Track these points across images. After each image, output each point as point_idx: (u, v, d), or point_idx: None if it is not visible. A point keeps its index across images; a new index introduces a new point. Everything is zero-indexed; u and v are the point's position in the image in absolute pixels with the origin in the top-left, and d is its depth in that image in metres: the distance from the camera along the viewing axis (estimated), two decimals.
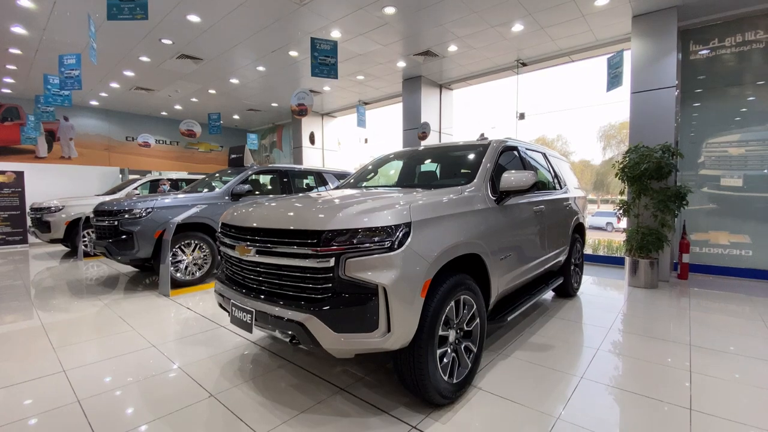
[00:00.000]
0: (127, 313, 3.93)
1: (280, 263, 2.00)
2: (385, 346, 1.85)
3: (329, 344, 1.84)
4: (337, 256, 1.84)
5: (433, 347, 2.02)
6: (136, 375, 2.59)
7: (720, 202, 5.67)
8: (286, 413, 2.11)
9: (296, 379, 2.52)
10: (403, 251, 1.89)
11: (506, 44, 6.64)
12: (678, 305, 4.30)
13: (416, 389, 2.05)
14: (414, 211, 2.04)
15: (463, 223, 2.35)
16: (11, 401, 2.26)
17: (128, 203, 4.97)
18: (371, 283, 1.81)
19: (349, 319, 1.83)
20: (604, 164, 21.81)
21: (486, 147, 3.16)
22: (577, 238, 4.62)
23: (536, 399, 2.26)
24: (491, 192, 2.77)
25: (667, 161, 4.94)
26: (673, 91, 5.33)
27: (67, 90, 4.99)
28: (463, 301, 2.27)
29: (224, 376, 2.58)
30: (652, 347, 3.07)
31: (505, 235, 2.78)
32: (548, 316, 3.86)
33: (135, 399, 2.29)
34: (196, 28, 6.00)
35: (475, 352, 2.38)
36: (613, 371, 2.66)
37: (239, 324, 2.18)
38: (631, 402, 2.24)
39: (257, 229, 2.15)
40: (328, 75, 4.38)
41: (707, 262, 5.76)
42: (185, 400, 2.26)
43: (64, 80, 4.34)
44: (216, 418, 2.08)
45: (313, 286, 1.91)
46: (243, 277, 2.28)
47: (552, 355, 2.89)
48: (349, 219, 1.89)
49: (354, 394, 2.32)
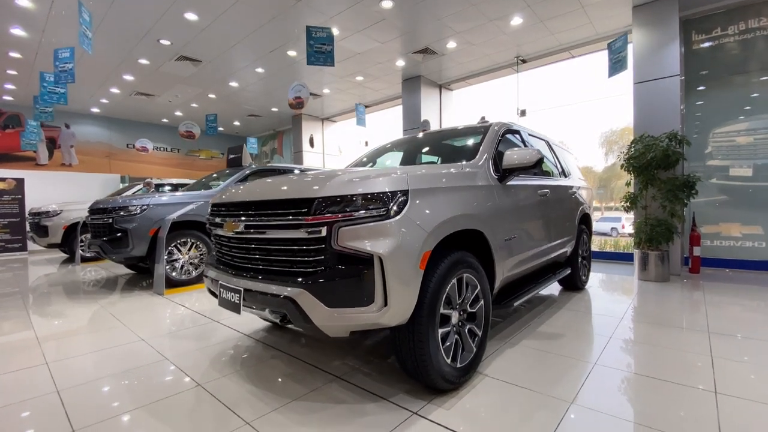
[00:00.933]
0: (119, 311, 3.79)
1: (269, 237, 1.88)
2: (382, 322, 1.70)
3: (322, 321, 1.70)
4: (329, 225, 1.71)
5: (434, 326, 1.87)
6: (121, 366, 2.45)
7: (730, 192, 5.51)
8: (277, 401, 1.96)
9: (290, 368, 2.37)
10: (400, 219, 1.76)
11: (505, 39, 6.59)
12: (692, 297, 4.12)
13: (417, 372, 1.90)
14: (412, 179, 1.91)
15: (465, 197, 2.22)
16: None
17: (123, 200, 4.88)
18: (366, 253, 1.68)
19: (343, 292, 1.69)
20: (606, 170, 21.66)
21: (487, 129, 3.04)
22: (584, 230, 4.46)
23: (547, 385, 2.09)
24: (494, 171, 2.65)
25: (674, 149, 4.80)
26: (678, 80, 5.23)
27: (62, 84, 4.95)
28: (466, 280, 2.13)
29: (214, 366, 2.43)
30: (669, 335, 2.90)
31: (509, 216, 2.64)
32: (556, 307, 3.69)
33: (117, 389, 2.14)
34: (194, 26, 5.98)
35: (480, 336, 2.23)
36: (630, 358, 2.49)
37: (227, 305, 2.04)
38: (652, 387, 2.07)
39: (246, 203, 2.03)
40: (325, 63, 4.31)
41: (719, 255, 5.57)
42: (170, 390, 2.11)
43: (59, 74, 4.29)
44: (201, 406, 1.93)
45: (304, 260, 1.78)
46: (232, 256, 2.16)
47: (562, 343, 2.72)
48: (343, 185, 1.77)
49: (351, 381, 2.17)
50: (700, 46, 5.71)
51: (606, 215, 18.63)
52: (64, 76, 4.29)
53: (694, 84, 5.76)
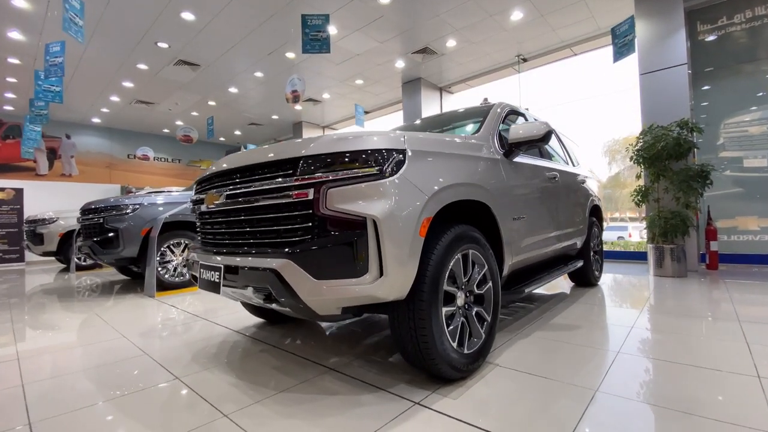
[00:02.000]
0: (103, 311, 3.59)
1: (252, 206, 1.68)
2: (377, 295, 1.49)
3: (309, 295, 1.49)
4: (317, 186, 1.52)
5: (437, 304, 1.65)
6: (95, 362, 2.23)
7: (745, 184, 5.28)
8: (262, 393, 1.74)
9: (279, 361, 2.15)
10: (397, 179, 1.57)
11: (506, 37, 6.50)
12: (714, 290, 3.86)
13: (419, 357, 1.67)
14: (411, 140, 1.73)
15: (469, 166, 2.03)
16: None
17: (115, 200, 4.73)
18: (359, 216, 1.48)
19: (333, 262, 1.49)
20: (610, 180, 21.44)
21: (489, 108, 2.87)
22: (595, 222, 4.24)
23: (567, 373, 1.85)
24: (499, 146, 2.46)
25: (686, 138, 4.61)
26: (685, 69, 5.08)
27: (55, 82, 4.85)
28: (472, 257, 1.92)
29: (196, 360, 2.21)
30: (697, 324, 2.65)
31: (516, 193, 2.44)
32: (569, 302, 3.44)
33: (85, 383, 1.93)
34: (191, 27, 5.94)
35: (489, 322, 2.00)
36: (657, 346, 2.24)
37: (207, 286, 1.84)
38: (689, 373, 1.83)
39: (228, 171, 1.84)
40: (320, 50, 4.20)
41: (737, 250, 5.30)
42: (144, 383, 1.89)
43: (49, 68, 4.21)
44: (177, 398, 1.71)
45: (289, 228, 1.58)
46: (213, 233, 1.96)
47: (579, 334, 2.48)
48: (332, 143, 1.59)
49: (346, 373, 1.94)
50: (706, 36, 5.58)
51: (612, 225, 18.34)
52: (54, 70, 4.20)
53: (702, 75, 5.60)
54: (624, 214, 18.06)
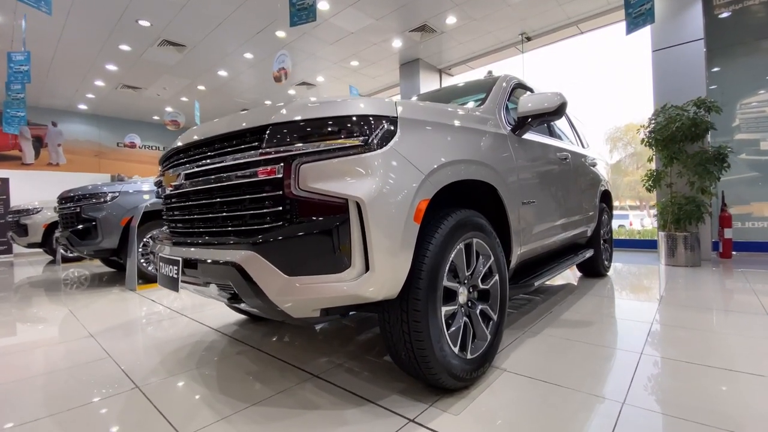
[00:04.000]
0: (78, 308, 3.33)
1: (211, 186, 1.40)
2: (363, 294, 1.22)
3: (278, 294, 1.22)
4: (287, 160, 1.24)
5: (436, 302, 1.39)
6: (52, 366, 1.98)
7: (762, 168, 4.99)
8: (231, 406, 1.48)
9: (257, 366, 1.89)
10: (385, 153, 1.28)
11: (509, 13, 6.12)
12: (732, 281, 3.61)
13: (414, 365, 1.41)
14: (404, 106, 1.44)
15: (473, 140, 1.74)
16: None
17: (93, 188, 4.44)
18: (339, 198, 1.20)
19: (308, 254, 1.21)
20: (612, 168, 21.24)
21: (494, 81, 2.56)
22: (605, 209, 3.97)
23: (586, 381, 1.60)
24: (506, 121, 2.17)
25: (703, 118, 4.30)
26: (701, 45, 4.74)
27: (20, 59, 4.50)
28: (476, 247, 1.64)
29: (164, 365, 1.95)
30: (724, 319, 2.40)
31: (526, 174, 2.16)
32: (579, 294, 3.19)
33: (33, 393, 1.67)
34: (173, 3, 5.55)
35: (496, 321, 1.73)
36: (684, 346, 1.98)
37: (165, 282, 1.57)
38: (726, 379, 1.57)
39: (188, 146, 1.55)
40: (307, 18, 3.86)
41: (752, 238, 5.04)
42: (97, 394, 1.63)
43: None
44: (131, 414, 1.45)
45: (255, 213, 1.30)
46: (174, 221, 1.68)
47: (593, 331, 2.22)
48: (306, 109, 1.30)
49: (330, 381, 1.69)
50: (722, 11, 5.21)
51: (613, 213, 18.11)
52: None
53: (718, 52, 5.26)
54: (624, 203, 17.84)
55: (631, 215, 16.68)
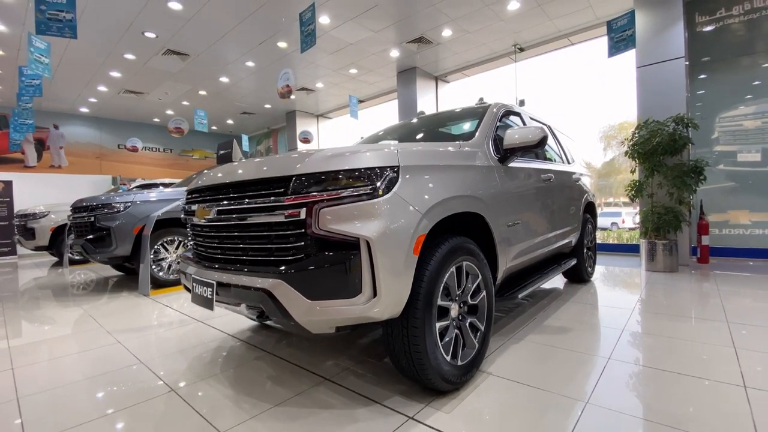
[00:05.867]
0: (100, 314, 3.58)
1: (244, 222, 1.67)
2: (371, 315, 1.49)
3: (302, 315, 1.49)
4: (309, 206, 1.50)
5: (431, 319, 1.66)
6: (90, 371, 2.24)
7: (738, 179, 5.31)
8: (257, 407, 1.75)
9: (274, 370, 2.16)
10: (389, 198, 1.55)
11: (502, 26, 6.38)
12: (704, 286, 3.92)
13: (413, 371, 1.69)
14: (404, 155, 1.70)
15: (463, 177, 2.01)
16: None
17: (106, 197, 4.66)
18: (352, 237, 1.47)
19: (326, 282, 1.48)
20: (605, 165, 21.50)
21: (485, 110, 2.83)
22: (589, 219, 4.26)
23: (558, 383, 1.88)
24: (494, 151, 2.44)
25: (681, 134, 4.60)
26: (682, 62, 5.03)
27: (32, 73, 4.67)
28: (466, 268, 1.92)
29: (191, 370, 2.21)
30: (686, 326, 2.69)
31: (512, 200, 2.44)
32: (562, 300, 3.48)
33: (81, 397, 1.93)
34: (179, 17, 5.76)
35: (483, 331, 2.02)
36: (646, 351, 2.28)
37: (199, 301, 1.83)
38: (674, 382, 1.87)
39: (219, 185, 1.81)
40: (311, 44, 4.07)
41: (728, 244, 5.37)
42: (138, 397, 1.89)
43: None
44: (172, 414, 1.72)
45: (282, 247, 1.56)
46: (205, 247, 1.94)
47: (571, 338, 2.51)
48: (324, 161, 1.56)
49: (341, 384, 1.96)
50: (703, 28, 5.51)
51: (606, 210, 18.46)
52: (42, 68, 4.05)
53: (699, 67, 5.56)
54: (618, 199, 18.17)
55: (624, 213, 17.04)
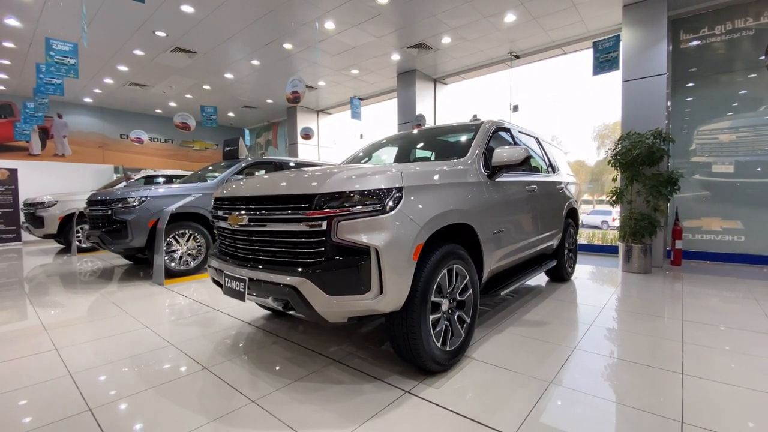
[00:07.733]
0: (121, 300, 3.91)
1: (272, 230, 2.01)
2: (378, 308, 1.85)
3: (322, 307, 1.85)
4: (329, 219, 1.85)
5: (426, 312, 2.03)
6: (129, 352, 2.58)
7: (712, 188, 5.73)
8: (280, 382, 2.11)
9: (290, 353, 2.52)
10: (395, 214, 1.90)
11: (499, 36, 6.69)
12: (671, 287, 4.34)
13: (409, 354, 2.06)
14: (406, 176, 2.05)
15: (455, 193, 2.36)
16: None
17: (122, 192, 4.95)
18: (364, 245, 1.82)
19: (342, 281, 1.83)
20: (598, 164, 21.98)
21: (478, 127, 3.18)
22: (570, 223, 4.65)
23: (529, 367, 2.27)
24: (483, 168, 2.79)
25: (659, 147, 4.98)
26: (664, 79, 5.40)
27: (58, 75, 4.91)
28: (456, 270, 2.28)
29: (217, 351, 2.57)
30: (645, 322, 3.09)
31: (498, 210, 2.79)
32: (542, 297, 3.88)
33: (127, 372, 2.28)
34: (190, 19, 5.99)
35: (468, 323, 2.39)
36: (607, 343, 2.67)
37: (232, 294, 2.18)
38: (624, 368, 2.26)
39: (249, 197, 2.15)
40: None
41: (700, 248, 5.81)
42: (178, 373, 2.25)
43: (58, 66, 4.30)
44: (209, 387, 2.08)
45: (305, 251, 1.91)
46: (236, 247, 2.28)
47: (546, 330, 2.90)
48: (341, 182, 1.90)
49: (348, 364, 2.33)
50: (687, 44, 5.87)
51: (597, 208, 18.96)
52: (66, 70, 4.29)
53: (682, 82, 5.93)
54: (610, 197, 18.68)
55: (614, 211, 17.55)
